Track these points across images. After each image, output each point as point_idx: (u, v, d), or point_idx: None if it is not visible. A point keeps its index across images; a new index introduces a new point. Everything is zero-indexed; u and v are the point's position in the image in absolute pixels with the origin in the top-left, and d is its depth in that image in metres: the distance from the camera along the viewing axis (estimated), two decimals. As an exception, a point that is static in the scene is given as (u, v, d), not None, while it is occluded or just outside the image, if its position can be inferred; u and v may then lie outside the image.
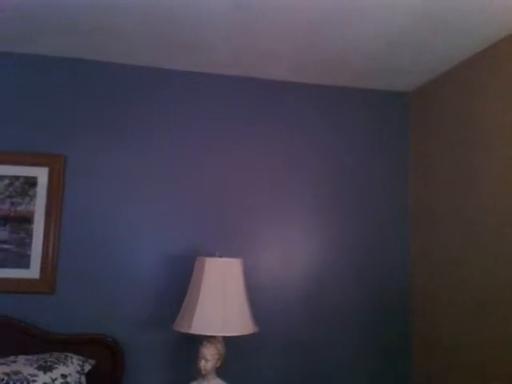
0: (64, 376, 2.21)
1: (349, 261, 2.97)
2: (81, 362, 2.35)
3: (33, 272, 2.61)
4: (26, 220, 2.63)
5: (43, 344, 2.50)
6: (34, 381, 2.12)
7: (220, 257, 2.40)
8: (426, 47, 2.50)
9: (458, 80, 2.69)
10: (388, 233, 3.04)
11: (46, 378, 2.16)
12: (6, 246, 2.60)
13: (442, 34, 2.36)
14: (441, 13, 2.15)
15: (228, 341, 2.41)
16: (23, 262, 2.61)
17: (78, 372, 2.30)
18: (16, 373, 2.12)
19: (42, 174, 2.66)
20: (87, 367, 2.37)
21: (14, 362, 2.23)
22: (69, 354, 2.37)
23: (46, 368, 2.20)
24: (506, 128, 2.31)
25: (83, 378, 2.32)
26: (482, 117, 2.47)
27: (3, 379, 2.06)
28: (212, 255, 2.44)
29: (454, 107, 2.71)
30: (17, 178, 2.64)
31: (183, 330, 2.27)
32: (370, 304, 2.96)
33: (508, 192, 2.27)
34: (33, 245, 2.62)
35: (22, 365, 2.20)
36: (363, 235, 3.01)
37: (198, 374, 2.33)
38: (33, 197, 2.64)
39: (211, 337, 2.31)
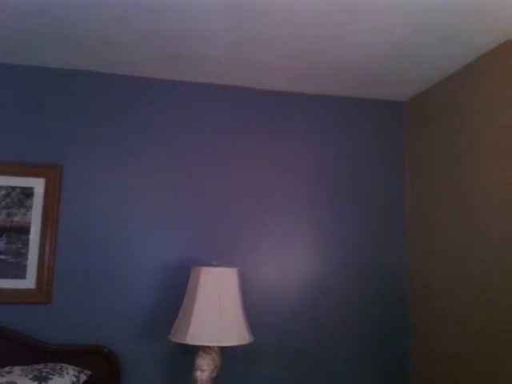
0: (59, 387, 2.21)
1: (347, 270, 2.96)
2: (76, 373, 2.34)
3: (29, 282, 2.61)
4: (23, 230, 2.63)
5: (39, 354, 2.49)
6: (29, 392, 2.11)
7: (216, 266, 2.40)
8: (420, 57, 2.52)
9: (452, 89, 2.71)
10: (386, 241, 3.04)
11: (42, 388, 2.16)
12: (2, 257, 2.60)
13: (436, 44, 2.38)
14: (435, 23, 2.17)
15: (224, 351, 2.40)
16: (19, 272, 2.61)
17: (73, 383, 2.28)
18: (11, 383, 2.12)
19: (38, 185, 2.67)
20: (83, 378, 2.36)
21: (10, 372, 2.22)
22: (64, 365, 2.37)
23: (41, 379, 2.19)
24: (500, 136, 2.32)
25: (79, 389, 2.31)
26: (476, 125, 2.49)
27: (-2, 390, 2.06)
28: (209, 265, 2.44)
29: (448, 116, 2.72)
30: (13, 188, 2.65)
31: (179, 341, 2.27)
32: (369, 314, 2.95)
33: (505, 198, 2.27)
34: (29, 255, 2.62)
35: (18, 375, 2.19)
36: (361, 244, 3.00)
37: (194, 384, 2.32)
38: (29, 207, 2.65)
39: (207, 347, 2.30)
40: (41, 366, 2.34)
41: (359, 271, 2.97)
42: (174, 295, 2.62)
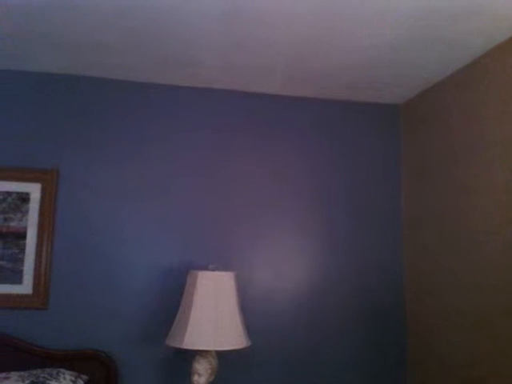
0: (56, 392, 2.21)
1: (342, 273, 2.97)
2: (73, 378, 2.34)
3: (26, 287, 2.62)
4: (19, 236, 2.63)
5: (36, 360, 2.49)
6: (26, 397, 2.11)
7: (213, 270, 2.40)
8: (415, 60, 2.53)
9: (446, 92, 2.72)
10: (383, 245, 3.04)
11: (39, 394, 2.15)
12: (-2, 262, 2.61)
13: (430, 47, 2.39)
14: (429, 26, 2.18)
15: (221, 355, 2.41)
16: (16, 277, 2.61)
17: (70, 388, 2.29)
18: (8, 389, 2.12)
19: (34, 190, 2.67)
20: (80, 383, 2.36)
21: (7, 378, 2.22)
22: (61, 370, 2.36)
23: (38, 384, 2.19)
24: (495, 139, 2.33)
25: (76, 394, 2.31)
26: (472, 127, 2.50)
27: (-5, 396, 2.05)
28: (205, 269, 2.44)
29: (443, 119, 2.74)
30: (9, 193, 2.65)
31: (176, 345, 2.27)
32: (365, 316, 2.95)
33: (502, 200, 2.28)
34: (25, 260, 2.62)
35: (15, 381, 2.19)
36: (357, 248, 3.01)
37: (191, 388, 2.32)
38: (25, 212, 2.65)
39: (204, 351, 2.31)
40: (38, 371, 2.33)
41: (355, 275, 2.98)
42: (171, 299, 2.62)
